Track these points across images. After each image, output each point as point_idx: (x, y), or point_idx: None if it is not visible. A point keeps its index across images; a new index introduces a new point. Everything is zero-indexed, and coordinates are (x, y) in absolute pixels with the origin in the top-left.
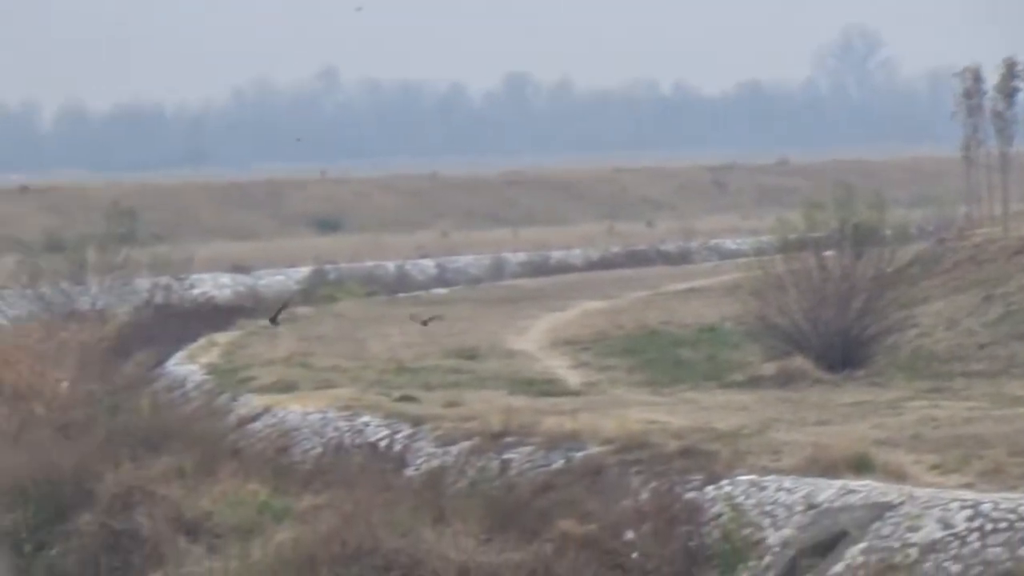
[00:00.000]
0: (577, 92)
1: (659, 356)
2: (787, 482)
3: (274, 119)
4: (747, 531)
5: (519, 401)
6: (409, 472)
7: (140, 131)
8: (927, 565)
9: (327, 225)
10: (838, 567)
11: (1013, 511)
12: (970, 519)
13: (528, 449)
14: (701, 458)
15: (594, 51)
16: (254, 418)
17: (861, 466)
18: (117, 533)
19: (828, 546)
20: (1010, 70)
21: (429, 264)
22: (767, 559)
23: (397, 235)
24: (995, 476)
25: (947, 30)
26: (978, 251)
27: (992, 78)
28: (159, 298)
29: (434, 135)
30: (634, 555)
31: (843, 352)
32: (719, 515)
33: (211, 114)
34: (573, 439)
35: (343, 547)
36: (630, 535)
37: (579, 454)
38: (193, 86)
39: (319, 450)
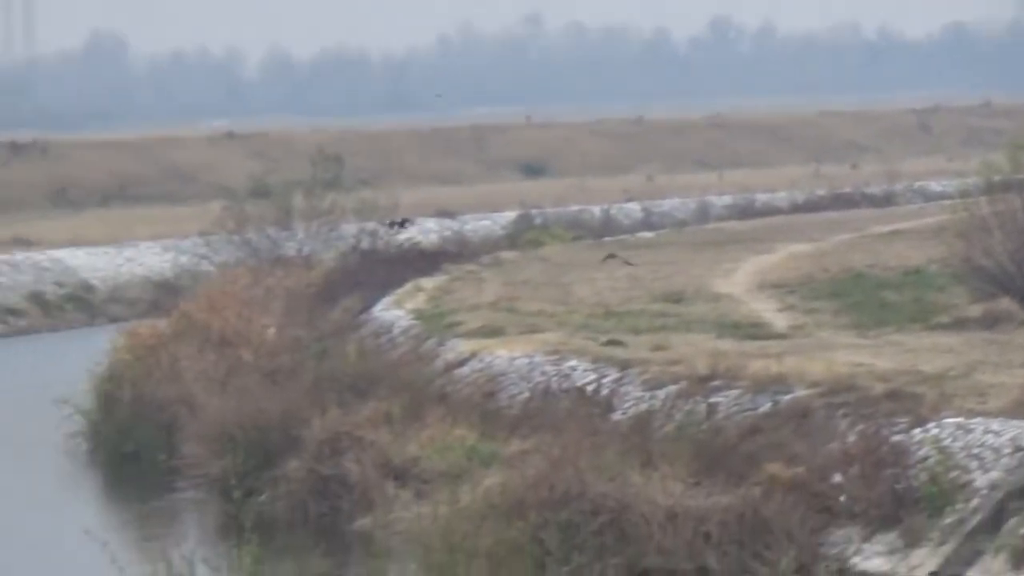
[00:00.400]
0: (780, 36)
1: (865, 299)
2: (994, 424)
3: (479, 64)
4: (954, 474)
5: (725, 344)
6: (616, 416)
7: (345, 77)
8: None
9: (532, 170)
10: None
11: None
12: None
13: (735, 392)
14: (907, 401)
15: None
16: (461, 363)
17: None
18: (325, 479)
19: None
20: None
21: (635, 208)
22: (974, 502)
23: (602, 179)
24: None
25: None
26: None
27: None
28: (365, 244)
29: (638, 80)
30: (842, 498)
31: None
32: (926, 458)
33: (416, 60)
34: (780, 382)
35: (551, 492)
36: (837, 478)
37: (786, 397)
38: (398, 33)
39: (526, 395)
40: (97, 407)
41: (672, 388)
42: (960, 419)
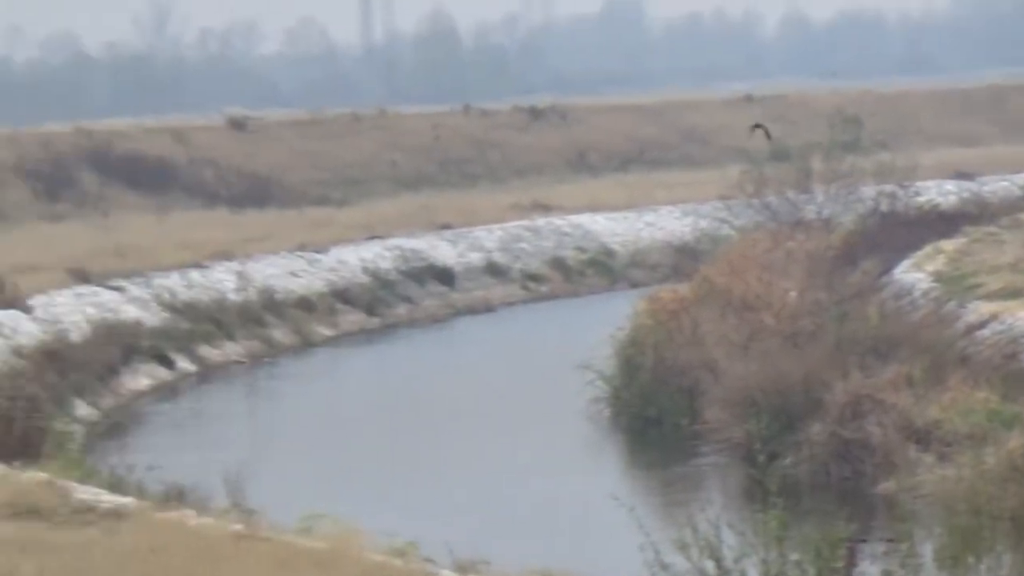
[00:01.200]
0: None
1: None
2: None
3: (995, 25)
4: None
5: None
6: None
7: (861, 38)
8: None
9: None
10: None
11: None
12: None
13: None
14: None
15: None
16: (981, 325)
17: None
18: (847, 442)
19: None
20: None
21: None
22: None
23: None
24: None
25: None
26: None
27: None
28: (884, 206)
29: None
30: None
31: None
32: None
33: (933, 20)
34: None
35: None
36: None
37: None
38: None
39: None
40: (619, 373)
41: None
42: None
